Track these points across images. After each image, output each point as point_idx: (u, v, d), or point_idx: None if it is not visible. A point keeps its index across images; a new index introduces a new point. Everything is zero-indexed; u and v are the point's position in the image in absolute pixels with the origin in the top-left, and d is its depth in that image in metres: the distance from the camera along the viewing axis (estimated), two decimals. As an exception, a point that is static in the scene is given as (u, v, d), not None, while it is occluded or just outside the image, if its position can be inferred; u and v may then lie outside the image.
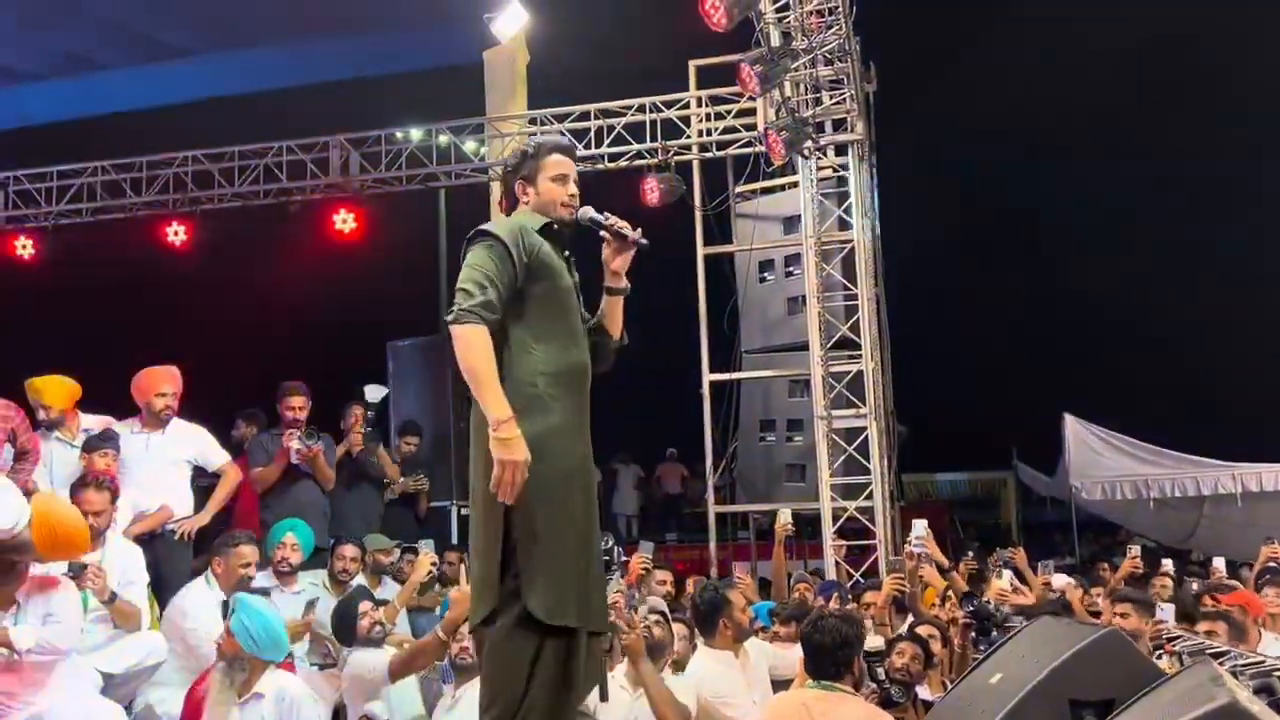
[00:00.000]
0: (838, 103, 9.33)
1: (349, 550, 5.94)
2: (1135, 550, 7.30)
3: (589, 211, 3.26)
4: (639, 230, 3.23)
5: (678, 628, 4.99)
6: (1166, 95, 16.30)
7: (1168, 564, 7.35)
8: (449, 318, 2.98)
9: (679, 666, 4.81)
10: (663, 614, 4.93)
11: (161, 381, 6.15)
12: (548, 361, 3.07)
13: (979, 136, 16.26)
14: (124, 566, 5.06)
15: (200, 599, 5.12)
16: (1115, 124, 16.78)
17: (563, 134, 9.09)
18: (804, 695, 3.85)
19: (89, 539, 4.38)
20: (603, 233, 3.24)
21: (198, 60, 11.92)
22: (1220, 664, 2.63)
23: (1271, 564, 7.20)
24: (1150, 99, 16.43)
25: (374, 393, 7.54)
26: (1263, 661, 2.77)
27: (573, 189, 3.28)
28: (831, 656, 3.75)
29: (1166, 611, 5.00)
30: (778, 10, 8.62)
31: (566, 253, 3.26)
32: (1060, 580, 6.58)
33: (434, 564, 5.47)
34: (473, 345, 2.93)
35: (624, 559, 5.85)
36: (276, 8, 10.92)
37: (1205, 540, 12.72)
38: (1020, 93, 15.91)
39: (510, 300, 3.06)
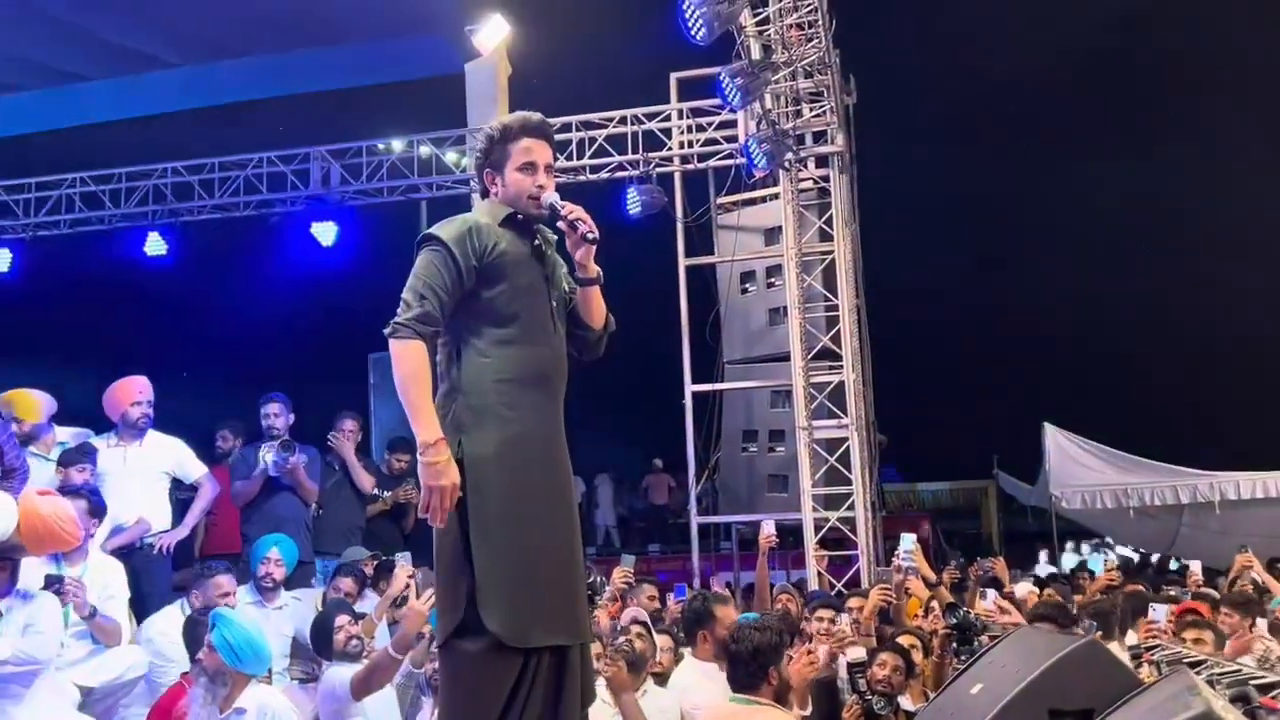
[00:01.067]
0: (818, 115, 9.38)
1: (345, 584, 5.86)
2: (1113, 561, 7.35)
3: (551, 198, 3.06)
4: (588, 224, 3.02)
5: (662, 639, 5.00)
6: (1148, 102, 16.48)
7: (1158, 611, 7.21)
8: (386, 331, 2.87)
9: (662, 678, 4.82)
10: (644, 625, 4.93)
11: (134, 391, 6.11)
12: (505, 367, 2.94)
13: (960, 149, 16.38)
14: (105, 581, 5.03)
15: (169, 626, 5.08)
16: (1095, 136, 16.94)
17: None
18: (720, 710, 3.86)
19: (77, 533, 4.35)
20: (559, 223, 3.07)
21: (178, 71, 11.87)
22: (1197, 673, 2.66)
23: (1246, 570, 7.28)
24: (1134, 107, 16.60)
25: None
26: (1239, 670, 2.79)
27: (541, 178, 3.05)
28: (746, 666, 3.74)
29: (1159, 612, 5.07)
30: (758, 23, 8.66)
31: (536, 241, 3.09)
32: (1023, 589, 6.63)
33: (411, 576, 5.44)
34: (402, 361, 2.83)
35: (607, 586, 5.81)
36: (257, 19, 10.89)
37: (1185, 548, 12.81)
38: (1001, 103, 16.06)
39: (462, 305, 2.95)
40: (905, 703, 4.60)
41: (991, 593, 5.68)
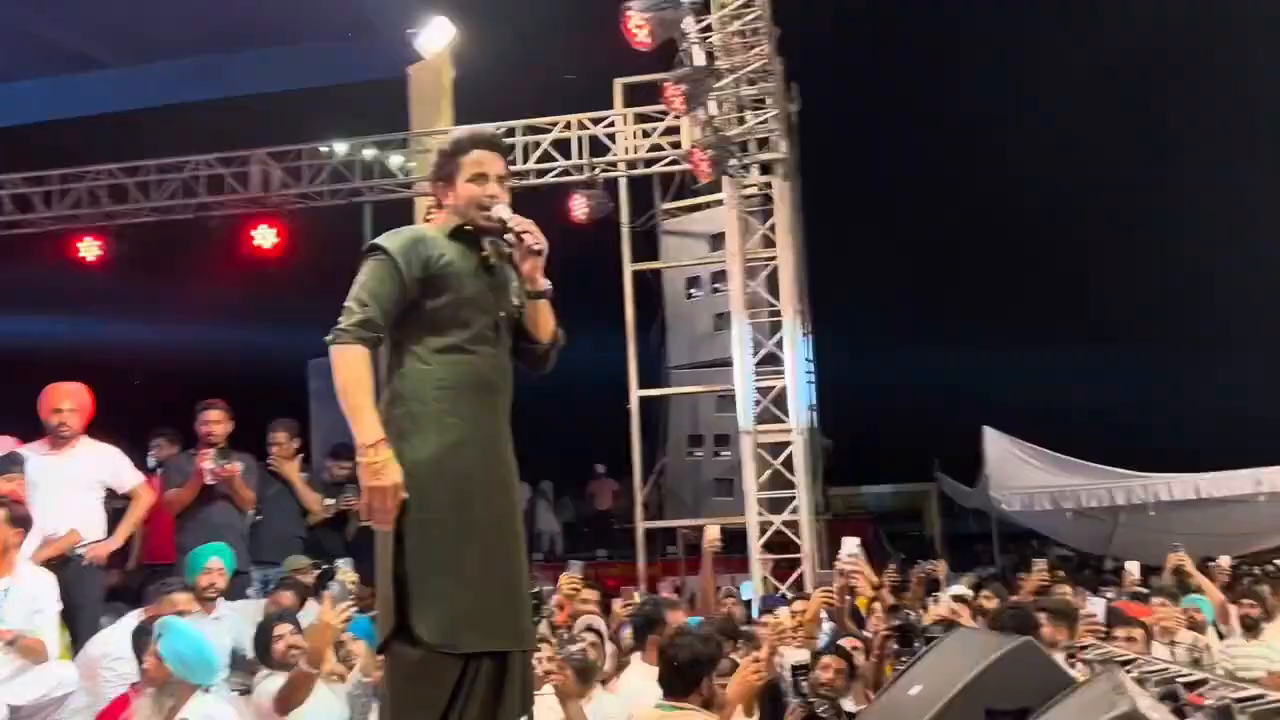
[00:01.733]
0: (761, 122, 9.45)
1: (285, 597, 5.77)
2: (1042, 564, 7.46)
3: (501, 210, 3.07)
4: (535, 236, 3.03)
5: (608, 647, 5.01)
6: (1089, 106, 16.80)
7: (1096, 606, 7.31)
8: (327, 338, 2.90)
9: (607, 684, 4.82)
10: (598, 633, 4.94)
11: (59, 398, 5.94)
12: (448, 375, 2.96)
13: (901, 153, 16.60)
14: (34, 595, 4.90)
15: (123, 640, 4.96)
16: (1033, 142, 17.21)
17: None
18: (647, 717, 3.89)
19: None
20: (507, 234, 3.08)
21: (114, 72, 11.64)
22: (1127, 671, 2.72)
23: (1179, 569, 7.46)
24: (1075, 110, 16.90)
25: None
26: (1167, 669, 2.86)
27: (493, 188, 3.08)
28: (681, 674, 3.77)
29: (1097, 605, 5.19)
30: (701, 30, 8.70)
31: (485, 253, 3.11)
32: (959, 590, 6.74)
33: (354, 584, 5.38)
34: (343, 366, 2.86)
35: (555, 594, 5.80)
36: (197, 20, 10.72)
37: (1121, 548, 13.07)
38: (943, 106, 16.29)
39: (407, 314, 2.97)
40: (847, 704, 4.65)
41: (945, 596, 5.74)
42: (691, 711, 3.73)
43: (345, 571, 5.33)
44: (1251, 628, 6.75)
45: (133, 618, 5.12)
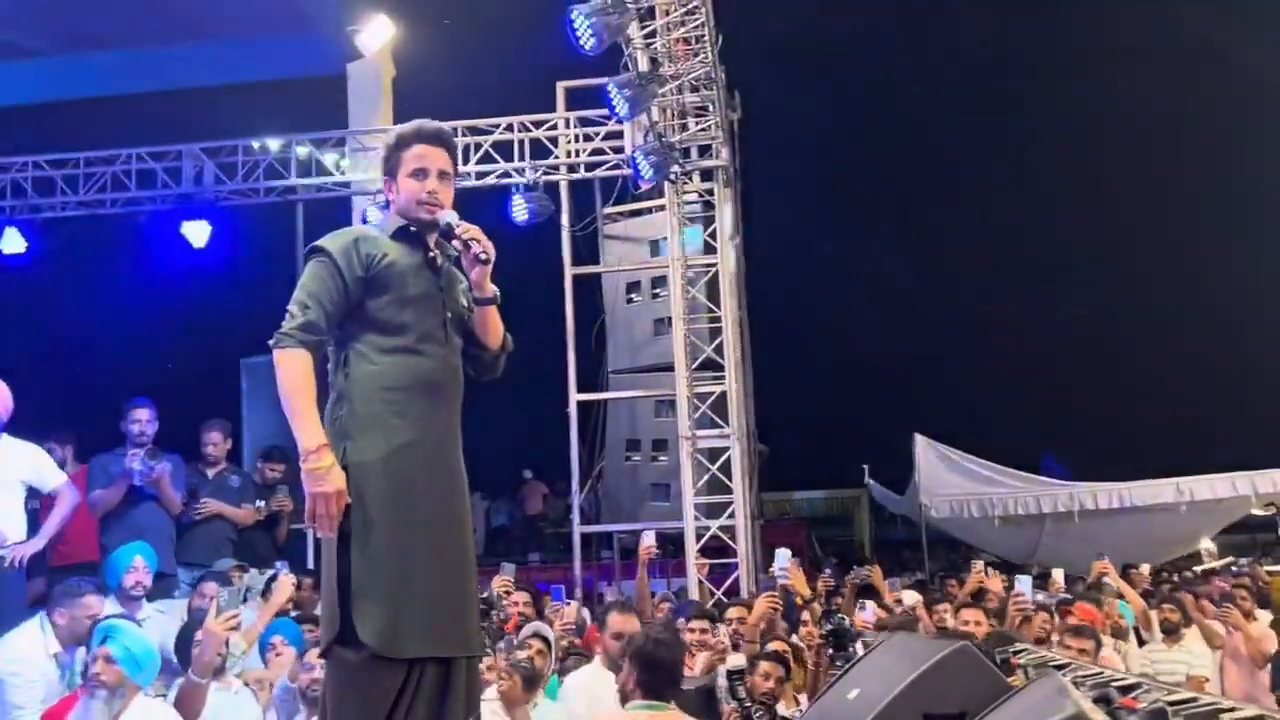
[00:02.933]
0: (703, 129, 9.50)
1: (210, 589, 5.65)
2: (979, 565, 7.60)
3: (446, 216, 3.05)
4: (483, 244, 3.02)
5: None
6: (1025, 130, 17.17)
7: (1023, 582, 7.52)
8: (270, 342, 2.89)
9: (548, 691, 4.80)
10: (545, 639, 4.91)
11: None
12: (394, 375, 2.94)
13: (841, 170, 16.81)
14: (-52, 599, 4.75)
15: (29, 644, 4.81)
16: (972, 151, 17.54)
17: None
18: (634, 717, 3.90)
19: None
20: (454, 241, 3.07)
21: (44, 61, 11.31)
22: (1062, 675, 2.77)
23: (1104, 576, 7.65)
24: (1008, 134, 17.26)
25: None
26: (1101, 673, 2.93)
27: (432, 184, 3.05)
28: (667, 675, 3.79)
29: (1024, 583, 5.27)
30: (645, 36, 8.72)
31: (431, 253, 3.08)
32: (910, 597, 6.81)
33: (295, 586, 5.30)
34: (286, 370, 2.86)
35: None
36: (130, 10, 10.46)
37: (1046, 555, 13.38)
38: (882, 124, 16.53)
39: (351, 314, 2.96)
40: (780, 708, 4.67)
41: (871, 604, 5.79)
42: (674, 712, 3.73)
43: (287, 574, 5.26)
44: (1171, 633, 6.95)
45: (34, 622, 4.98)
